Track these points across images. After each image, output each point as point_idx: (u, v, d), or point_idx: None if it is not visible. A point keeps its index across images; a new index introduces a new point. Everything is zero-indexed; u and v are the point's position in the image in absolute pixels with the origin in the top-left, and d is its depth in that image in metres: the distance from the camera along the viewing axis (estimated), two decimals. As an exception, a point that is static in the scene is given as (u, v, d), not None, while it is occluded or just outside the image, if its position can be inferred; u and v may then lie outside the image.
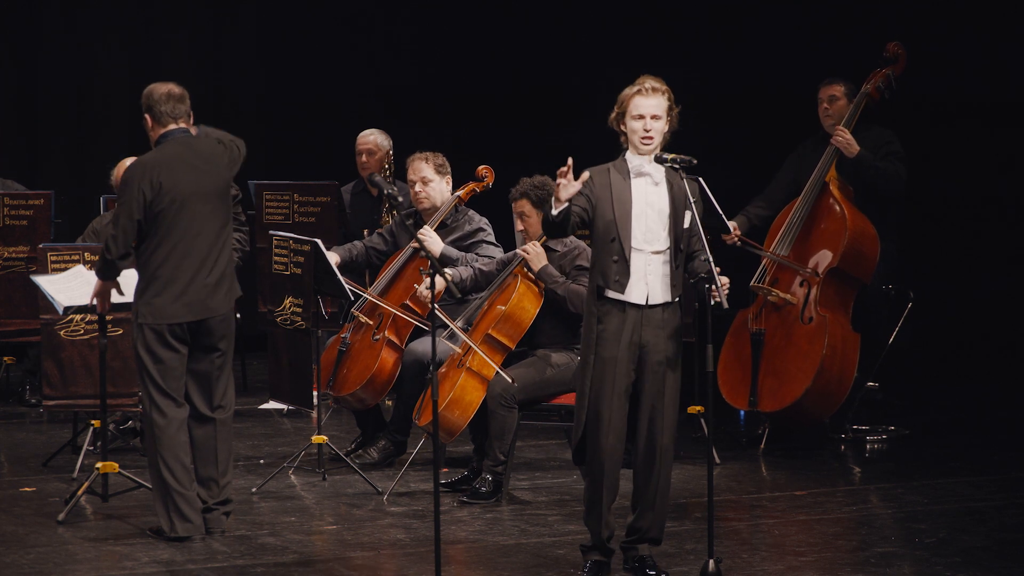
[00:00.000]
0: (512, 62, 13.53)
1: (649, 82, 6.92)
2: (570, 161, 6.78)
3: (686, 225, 6.90)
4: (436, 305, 7.05)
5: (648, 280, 6.87)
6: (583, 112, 10.15)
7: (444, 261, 9.12)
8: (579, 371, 7.00)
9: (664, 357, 6.90)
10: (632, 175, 6.91)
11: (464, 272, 8.84)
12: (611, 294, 6.86)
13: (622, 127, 6.94)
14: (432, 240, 9.17)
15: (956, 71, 12.10)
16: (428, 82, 13.84)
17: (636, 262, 6.86)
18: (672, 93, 6.95)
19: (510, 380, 8.41)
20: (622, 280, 6.85)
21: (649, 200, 6.90)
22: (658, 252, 6.89)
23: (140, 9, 13.62)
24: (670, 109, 6.93)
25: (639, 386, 6.92)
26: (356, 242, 9.66)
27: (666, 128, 6.93)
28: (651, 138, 6.88)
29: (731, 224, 9.75)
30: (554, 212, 6.80)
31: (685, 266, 6.97)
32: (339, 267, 9.17)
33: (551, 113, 13.09)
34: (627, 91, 6.93)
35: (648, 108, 6.88)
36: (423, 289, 8.90)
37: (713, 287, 6.83)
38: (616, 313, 6.87)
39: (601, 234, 6.89)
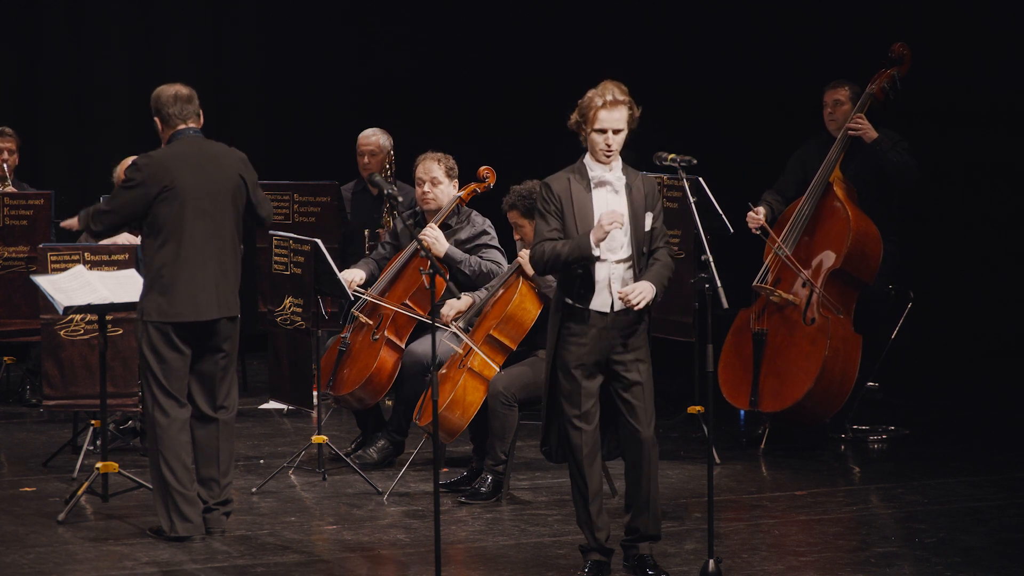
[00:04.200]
0: (512, 62, 13.53)
1: (611, 93, 6.87)
2: None
3: (647, 228, 6.93)
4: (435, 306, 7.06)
5: (612, 288, 6.90)
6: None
7: (448, 262, 9.12)
8: (546, 375, 7.02)
9: (634, 356, 6.95)
10: (593, 184, 6.92)
11: (481, 295, 8.87)
12: (577, 305, 6.89)
13: (582, 133, 6.93)
14: (437, 241, 9.17)
15: (957, 71, 12.10)
16: (429, 81, 13.84)
17: (600, 272, 6.90)
18: (632, 100, 6.91)
19: (497, 369, 8.42)
20: (586, 293, 6.90)
21: (611, 209, 6.90)
22: (622, 260, 6.92)
23: (140, 9, 13.61)
24: (631, 118, 6.91)
25: (613, 386, 6.96)
26: (370, 259, 9.65)
27: (626, 136, 6.92)
28: (612, 152, 6.90)
29: (759, 210, 9.73)
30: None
31: (647, 265, 6.99)
32: (363, 283, 9.23)
33: (551, 114, 13.07)
34: (591, 101, 6.87)
35: (611, 122, 6.86)
36: (448, 311, 8.87)
37: (623, 292, 6.85)
38: (580, 319, 6.90)
39: None
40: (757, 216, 9.75)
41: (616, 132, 6.86)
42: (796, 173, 10.10)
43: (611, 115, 6.85)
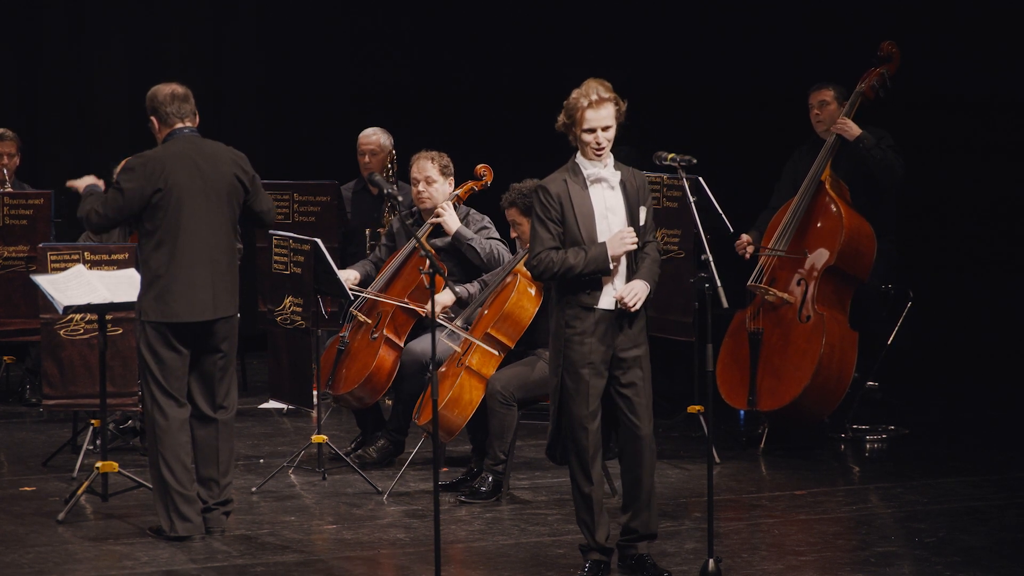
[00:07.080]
0: (512, 61, 13.53)
1: (595, 92, 6.88)
2: None
3: (642, 222, 6.95)
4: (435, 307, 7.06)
5: (615, 284, 6.91)
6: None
7: (459, 239, 9.12)
8: (552, 374, 7.01)
9: (635, 353, 6.95)
10: (589, 182, 6.94)
11: (472, 288, 8.91)
12: (584, 305, 6.89)
13: (571, 134, 6.95)
14: (450, 217, 9.17)
15: (953, 69, 12.10)
16: (428, 80, 13.84)
17: None
18: (617, 96, 6.92)
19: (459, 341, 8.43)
20: (594, 292, 6.90)
21: (609, 205, 6.94)
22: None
23: (140, 10, 13.62)
24: (618, 113, 6.93)
25: (613, 384, 6.95)
26: (367, 261, 9.67)
27: (615, 132, 6.95)
28: (603, 149, 6.92)
29: (746, 237, 9.80)
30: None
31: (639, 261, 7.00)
32: (358, 284, 9.24)
33: (550, 112, 13.06)
34: (577, 102, 6.89)
35: (599, 121, 6.89)
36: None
37: (619, 295, 6.86)
38: (585, 316, 6.90)
39: (568, 247, 6.91)
40: (743, 245, 9.82)
41: (605, 129, 6.89)
42: (788, 184, 10.11)
43: (598, 114, 6.88)
